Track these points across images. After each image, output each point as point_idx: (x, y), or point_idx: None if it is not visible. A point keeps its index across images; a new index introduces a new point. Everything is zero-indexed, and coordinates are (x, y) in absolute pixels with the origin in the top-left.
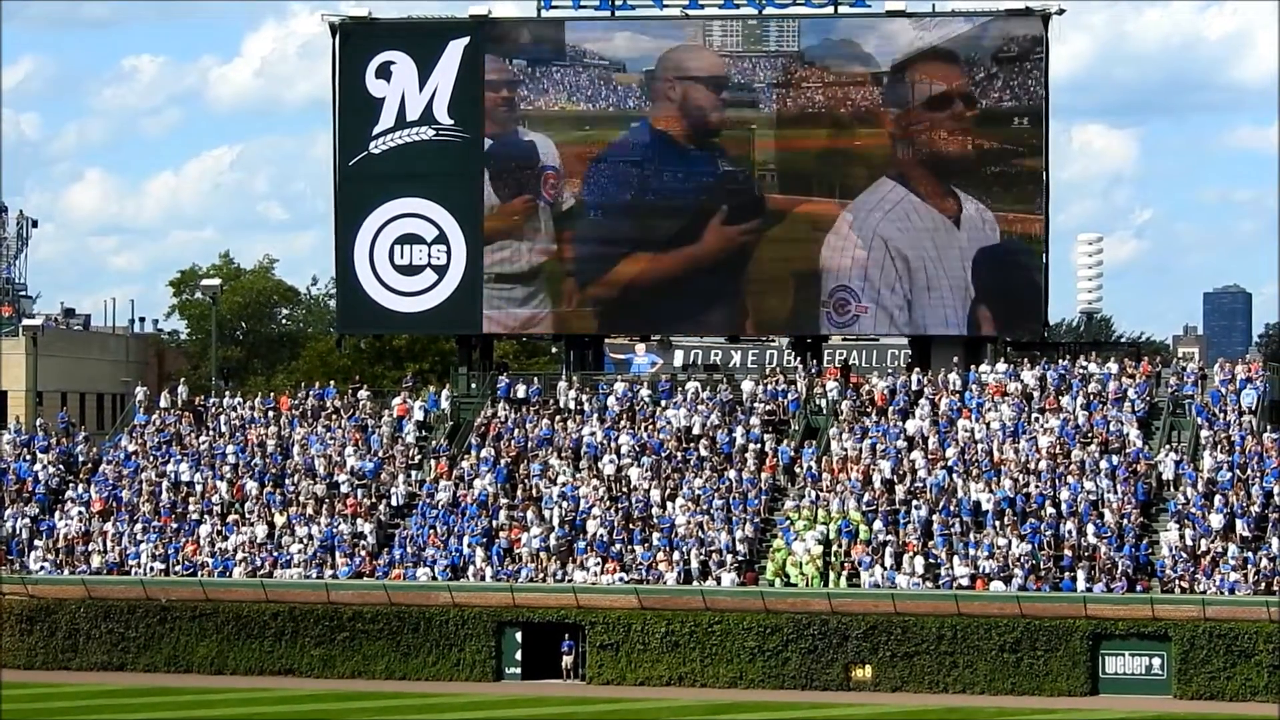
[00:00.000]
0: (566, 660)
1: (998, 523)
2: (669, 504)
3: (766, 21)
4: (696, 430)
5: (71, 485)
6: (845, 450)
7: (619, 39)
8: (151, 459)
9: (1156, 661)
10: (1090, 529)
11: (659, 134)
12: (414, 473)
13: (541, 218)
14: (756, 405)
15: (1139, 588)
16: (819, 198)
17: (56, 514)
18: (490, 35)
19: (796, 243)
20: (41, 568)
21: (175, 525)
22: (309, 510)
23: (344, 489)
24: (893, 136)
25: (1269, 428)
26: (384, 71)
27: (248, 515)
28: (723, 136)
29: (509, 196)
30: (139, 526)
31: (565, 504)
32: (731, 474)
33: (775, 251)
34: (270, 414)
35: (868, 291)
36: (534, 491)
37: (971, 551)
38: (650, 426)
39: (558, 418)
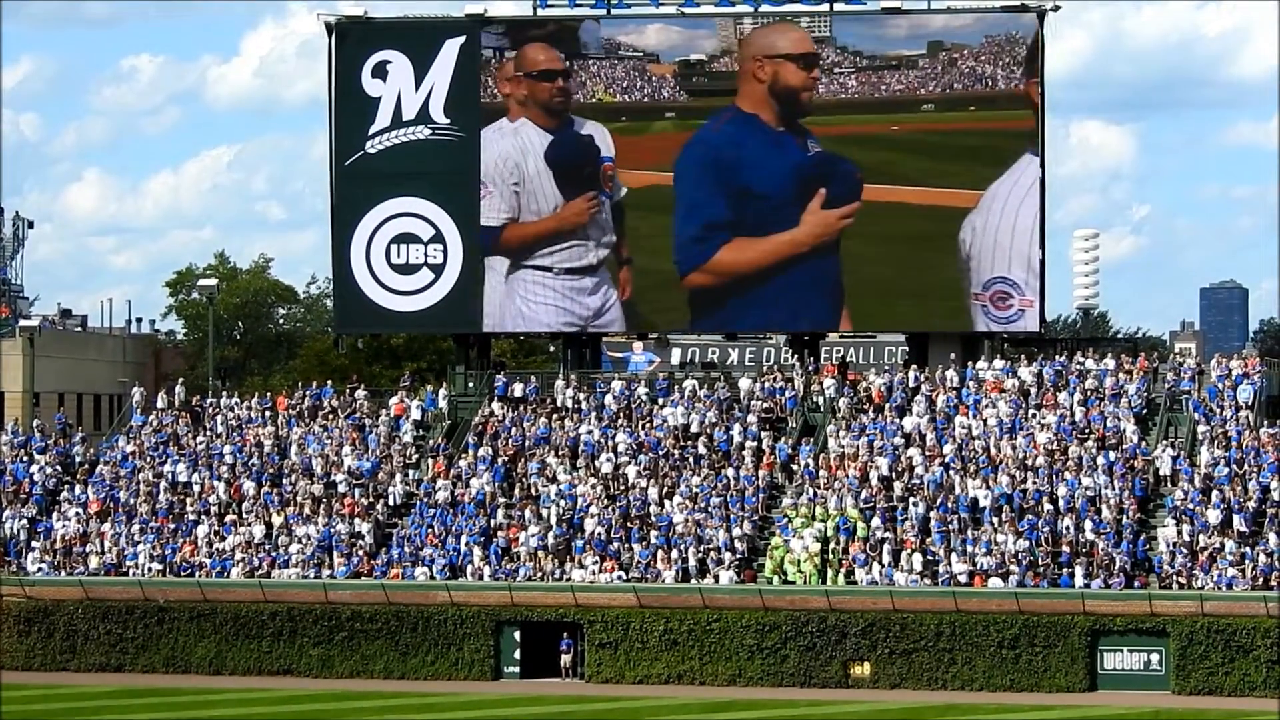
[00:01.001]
0: (565, 659)
1: (995, 519)
2: (667, 502)
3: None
4: (694, 428)
5: (69, 486)
6: (843, 447)
7: (650, 31)
8: (149, 459)
9: (1155, 657)
10: (1088, 525)
11: (747, 117)
12: (411, 472)
13: (605, 211)
14: (754, 403)
15: (1137, 584)
16: (935, 186)
17: (54, 515)
18: (540, 29)
19: (916, 236)
20: (39, 569)
21: (173, 526)
22: (307, 510)
23: (341, 489)
24: (1036, 115)
25: (1266, 423)
26: (380, 71)
27: (245, 515)
28: (815, 119)
29: (573, 193)
30: (136, 527)
31: (563, 503)
32: (729, 472)
33: (880, 245)
34: (267, 414)
35: (1031, 284)
36: (532, 490)
37: (969, 548)
38: (648, 425)
39: (555, 416)
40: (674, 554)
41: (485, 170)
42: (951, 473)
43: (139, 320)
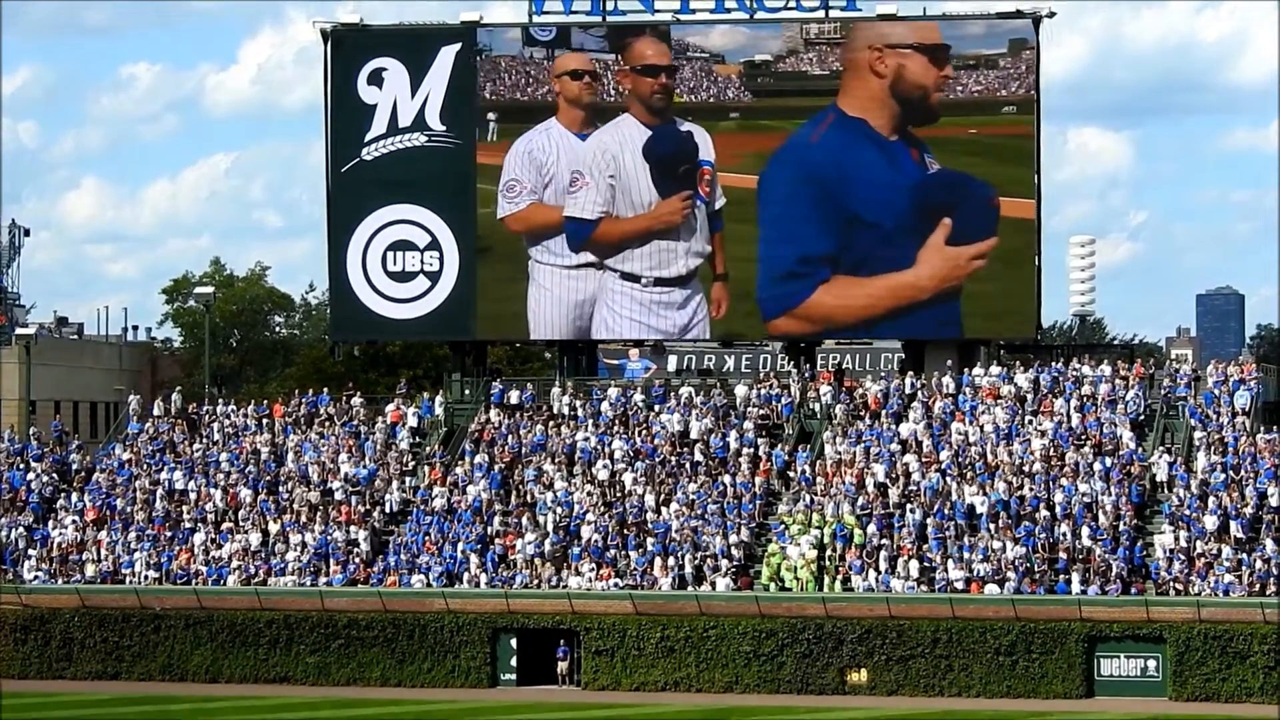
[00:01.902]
0: (562, 666)
1: (992, 526)
2: (663, 509)
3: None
4: (691, 435)
5: (65, 494)
6: (839, 454)
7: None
8: (145, 467)
9: (1152, 663)
10: (1085, 531)
11: (853, 122)
12: (408, 479)
13: (699, 217)
14: (750, 409)
15: (1134, 590)
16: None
17: (50, 523)
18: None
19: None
20: (35, 577)
21: (169, 534)
22: (303, 518)
23: (338, 496)
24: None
25: (1262, 429)
26: (376, 78)
27: (242, 523)
28: (944, 123)
29: (669, 191)
30: (133, 535)
31: (559, 510)
32: (726, 478)
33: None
34: (264, 421)
35: None
36: (528, 497)
37: (966, 555)
38: (644, 431)
39: (551, 423)
40: (671, 561)
41: (583, 161)
42: (948, 479)
43: (135, 328)
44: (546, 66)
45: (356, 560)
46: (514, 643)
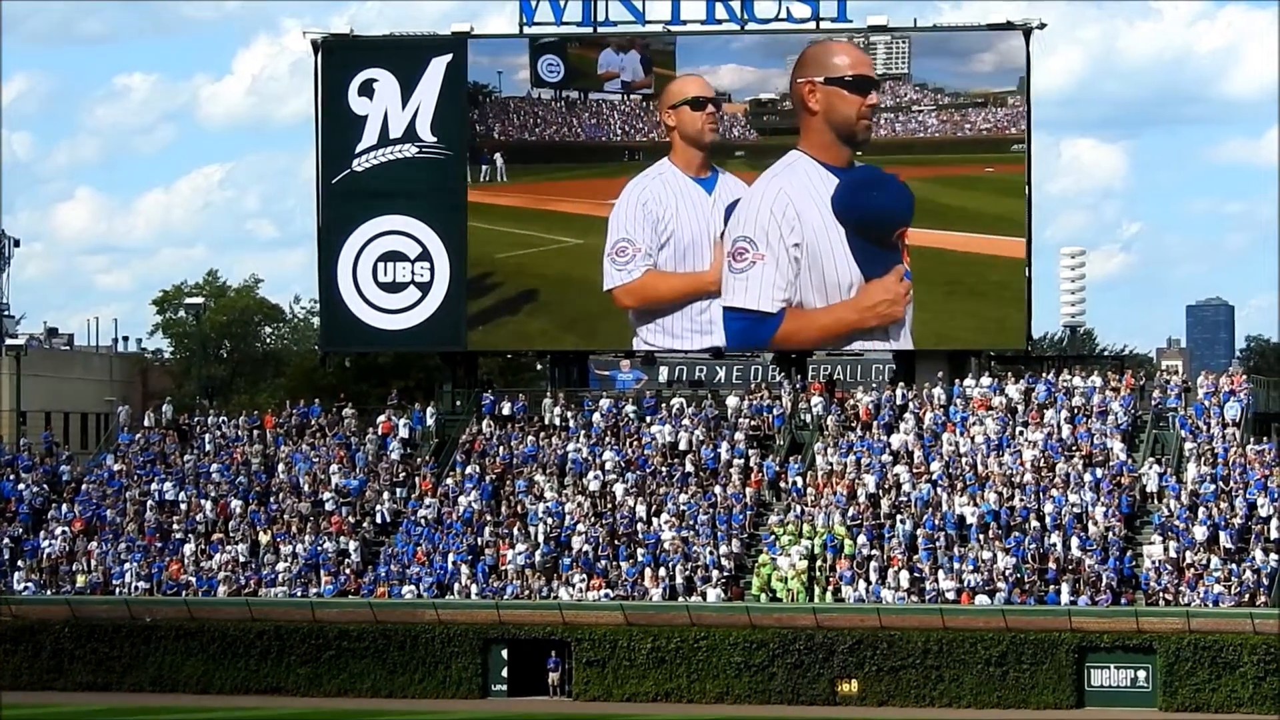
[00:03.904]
0: (553, 677)
1: (982, 536)
2: (654, 520)
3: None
4: (682, 446)
5: (55, 505)
6: (830, 465)
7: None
8: (136, 478)
9: (1142, 674)
10: (1075, 542)
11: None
12: (399, 490)
13: None
14: (741, 420)
15: (1124, 600)
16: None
17: (41, 534)
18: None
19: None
20: (26, 588)
21: (160, 544)
22: (294, 528)
23: (329, 507)
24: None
25: (1252, 440)
26: (367, 89)
27: (232, 534)
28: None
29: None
30: (123, 546)
31: (550, 520)
32: (717, 489)
33: None
34: (255, 432)
35: None
36: (519, 508)
37: (956, 565)
38: (635, 442)
39: (543, 434)
40: (661, 572)
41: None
42: (939, 490)
43: (126, 339)
44: (555, 106)
45: (347, 571)
46: (505, 653)
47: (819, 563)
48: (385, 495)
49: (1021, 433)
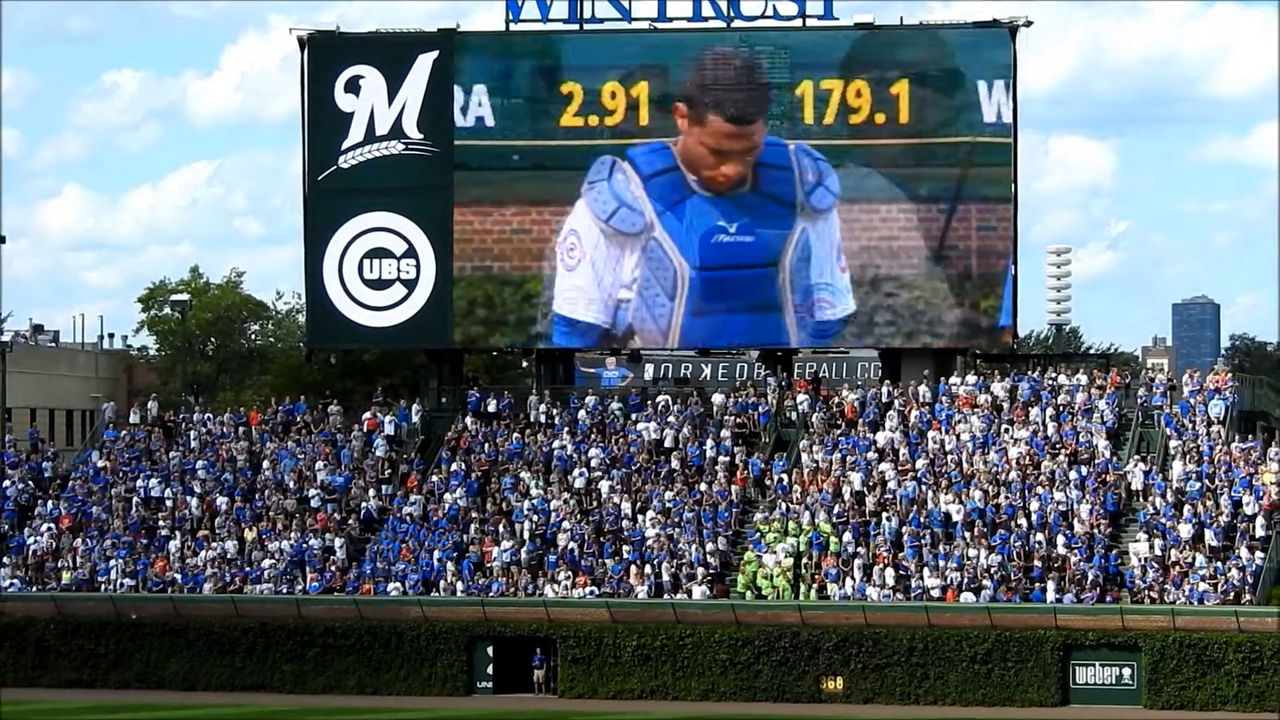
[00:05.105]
0: (538, 674)
1: (968, 534)
2: (640, 517)
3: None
4: (667, 443)
5: (41, 501)
6: (816, 462)
7: None
8: (121, 475)
9: (1127, 672)
10: (1060, 540)
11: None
12: (384, 487)
13: None
14: (727, 418)
15: (1109, 598)
16: None
17: (26, 530)
18: None
19: None
20: (11, 584)
21: (145, 541)
22: (279, 525)
23: (314, 504)
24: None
25: (1237, 438)
26: (353, 86)
27: (218, 531)
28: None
29: None
30: (109, 542)
31: (536, 517)
32: (702, 487)
33: None
34: (240, 429)
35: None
36: (505, 505)
37: (942, 563)
38: (621, 440)
39: (528, 431)
40: (647, 569)
41: None
42: (924, 488)
43: (111, 336)
44: None
45: (333, 568)
46: (490, 650)
47: (804, 560)
48: (371, 492)
49: (1007, 430)
